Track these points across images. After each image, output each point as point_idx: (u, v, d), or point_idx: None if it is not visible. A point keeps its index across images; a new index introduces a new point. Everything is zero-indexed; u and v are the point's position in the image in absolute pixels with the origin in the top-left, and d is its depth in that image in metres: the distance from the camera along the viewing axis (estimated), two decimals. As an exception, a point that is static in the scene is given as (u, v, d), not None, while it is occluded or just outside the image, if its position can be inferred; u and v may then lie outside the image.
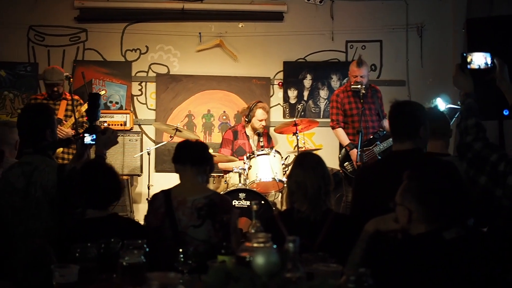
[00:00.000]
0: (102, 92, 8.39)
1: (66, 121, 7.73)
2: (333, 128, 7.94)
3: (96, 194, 4.09)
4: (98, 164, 4.47)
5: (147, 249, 3.25)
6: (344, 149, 7.75)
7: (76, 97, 7.90)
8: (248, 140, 8.46)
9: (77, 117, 7.39)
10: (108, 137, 4.75)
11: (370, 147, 7.56)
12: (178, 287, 2.13)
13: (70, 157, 7.35)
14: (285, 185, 6.62)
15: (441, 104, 7.03)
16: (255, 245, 2.68)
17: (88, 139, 4.69)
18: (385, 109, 7.84)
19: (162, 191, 4.57)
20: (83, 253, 3.25)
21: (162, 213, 4.41)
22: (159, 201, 4.48)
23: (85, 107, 7.66)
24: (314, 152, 8.08)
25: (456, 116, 6.34)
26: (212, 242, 4.27)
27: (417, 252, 3.01)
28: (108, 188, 4.14)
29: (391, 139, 5.70)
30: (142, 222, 5.41)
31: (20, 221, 4.41)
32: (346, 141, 7.70)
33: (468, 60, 4.05)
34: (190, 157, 4.56)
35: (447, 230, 3.04)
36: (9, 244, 4.27)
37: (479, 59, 4.04)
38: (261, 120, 8.34)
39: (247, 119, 8.47)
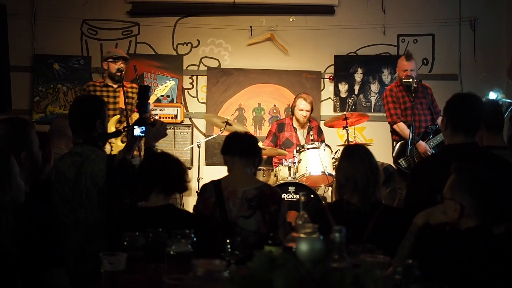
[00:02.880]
0: (167, 88, 8.37)
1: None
2: (394, 123, 7.80)
3: (163, 179, 4.12)
4: (162, 152, 4.52)
5: (195, 239, 3.28)
6: (399, 144, 7.67)
7: (134, 84, 7.96)
8: (296, 132, 8.43)
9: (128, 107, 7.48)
10: (158, 129, 4.78)
11: (424, 141, 7.48)
12: (224, 274, 2.13)
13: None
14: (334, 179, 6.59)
15: (493, 97, 6.94)
16: (302, 235, 2.68)
17: (137, 131, 4.71)
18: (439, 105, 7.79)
19: (212, 181, 4.60)
20: (131, 242, 3.30)
21: (212, 203, 4.44)
22: (210, 191, 4.51)
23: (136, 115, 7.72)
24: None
25: (510, 109, 6.26)
26: (261, 233, 4.29)
27: (466, 246, 2.97)
28: (172, 173, 4.17)
29: (443, 134, 5.62)
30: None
31: (70, 210, 4.47)
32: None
33: (523, 52, 3.99)
34: (239, 149, 4.58)
35: (496, 225, 3.01)
36: (60, 234, 4.34)
37: None
38: (301, 110, 8.31)
39: (291, 111, 8.49)
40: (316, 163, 7.61)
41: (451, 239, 3.08)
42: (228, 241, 3.35)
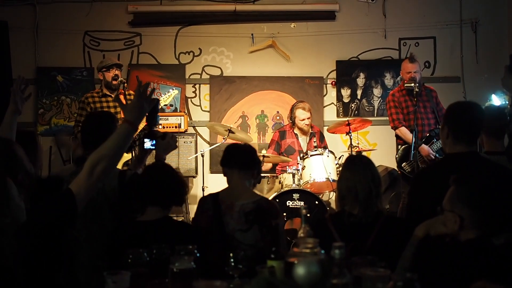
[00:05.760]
0: (171, 97, 8.38)
1: None
2: (395, 128, 7.85)
3: (155, 193, 4.12)
4: (161, 165, 4.53)
5: (198, 254, 3.30)
6: (402, 148, 7.69)
7: (132, 91, 8.02)
8: (297, 138, 8.45)
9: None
10: (168, 142, 4.79)
11: (428, 145, 7.50)
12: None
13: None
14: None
15: (496, 101, 6.95)
16: (303, 250, 2.71)
17: (148, 144, 4.72)
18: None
19: (210, 195, 4.66)
20: (135, 259, 3.31)
21: (210, 216, 4.48)
22: (207, 204, 4.56)
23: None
24: (366, 152, 8.13)
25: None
26: (258, 247, 4.31)
27: (466, 258, 2.99)
28: (167, 187, 4.16)
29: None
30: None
31: (83, 225, 4.44)
32: (412, 138, 7.54)
33: (517, 62, 4.01)
34: (238, 161, 4.61)
35: (496, 236, 3.03)
36: (73, 248, 4.37)
37: None
38: (303, 120, 8.34)
39: (291, 122, 8.50)
40: (320, 169, 7.63)
41: (452, 251, 3.09)
42: (231, 255, 3.36)
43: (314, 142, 8.22)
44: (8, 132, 4.66)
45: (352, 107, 9.38)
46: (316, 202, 7.37)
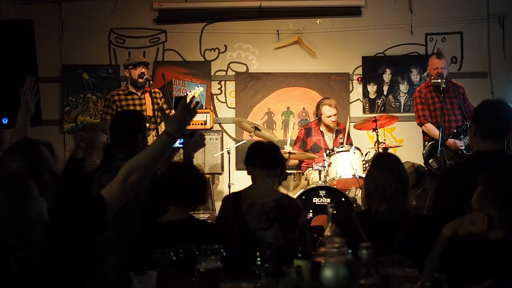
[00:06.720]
0: (196, 94, 8.33)
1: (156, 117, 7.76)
2: (421, 124, 7.81)
3: (177, 192, 4.12)
4: (181, 164, 4.53)
5: (224, 254, 3.29)
6: (429, 145, 7.64)
7: (157, 89, 8.11)
8: (323, 136, 8.42)
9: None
10: (196, 140, 4.79)
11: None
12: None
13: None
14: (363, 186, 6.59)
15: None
16: (331, 250, 2.69)
17: (176, 142, 4.74)
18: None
19: (232, 194, 4.67)
20: (162, 258, 3.30)
21: (232, 215, 4.46)
22: (229, 203, 4.55)
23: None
24: (393, 149, 8.08)
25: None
26: (279, 245, 4.28)
27: (495, 258, 2.96)
28: (189, 187, 4.15)
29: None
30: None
31: (112, 225, 4.44)
32: (438, 135, 7.49)
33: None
34: (261, 160, 4.58)
35: None
36: (102, 248, 4.39)
37: None
38: (329, 116, 8.30)
39: (317, 118, 8.47)
40: (346, 166, 7.61)
41: (480, 250, 3.06)
42: (258, 254, 3.34)
43: (341, 139, 8.18)
44: (23, 132, 4.79)
45: (379, 103, 9.33)
46: (343, 199, 7.36)
